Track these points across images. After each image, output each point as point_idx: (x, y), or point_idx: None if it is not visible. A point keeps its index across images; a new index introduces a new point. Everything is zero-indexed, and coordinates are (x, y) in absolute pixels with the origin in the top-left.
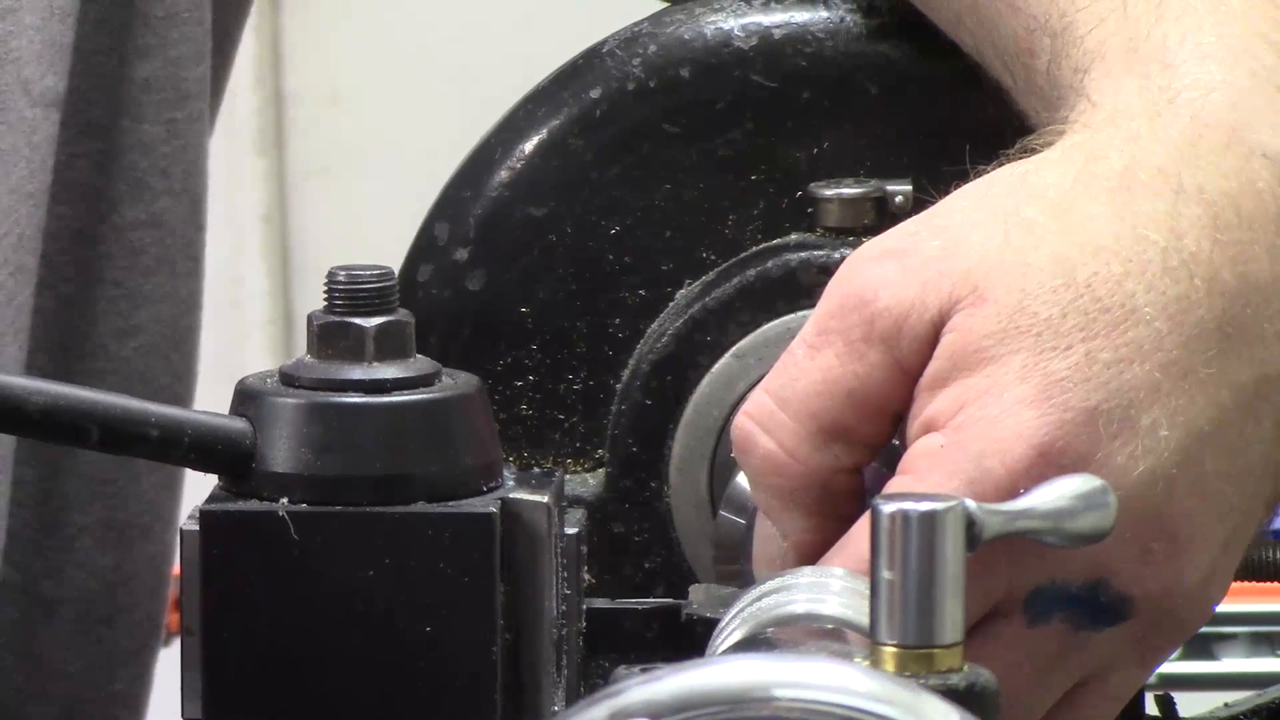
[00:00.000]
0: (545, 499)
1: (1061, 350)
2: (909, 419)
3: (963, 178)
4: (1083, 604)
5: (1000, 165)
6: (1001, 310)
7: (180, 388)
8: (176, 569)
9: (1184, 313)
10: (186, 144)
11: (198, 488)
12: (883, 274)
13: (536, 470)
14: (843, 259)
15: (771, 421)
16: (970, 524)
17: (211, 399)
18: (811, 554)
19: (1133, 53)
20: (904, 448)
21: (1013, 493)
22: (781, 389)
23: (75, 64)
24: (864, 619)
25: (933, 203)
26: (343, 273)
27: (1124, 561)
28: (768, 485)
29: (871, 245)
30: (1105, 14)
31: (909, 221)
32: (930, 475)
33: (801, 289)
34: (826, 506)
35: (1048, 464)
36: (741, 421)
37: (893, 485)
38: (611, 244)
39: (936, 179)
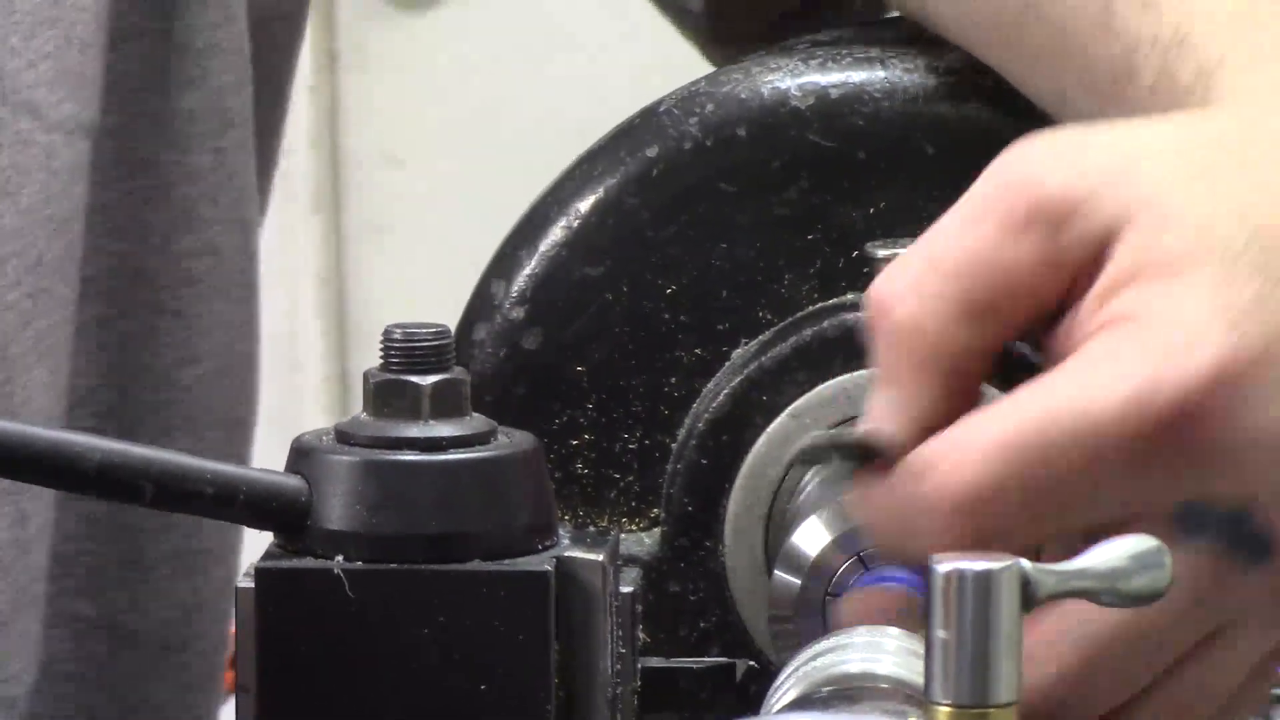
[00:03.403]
0: (600, 558)
1: (1243, 278)
2: (1074, 324)
3: None
4: (1230, 529)
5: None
6: (1185, 230)
7: (241, 413)
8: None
9: None
10: (233, 172)
11: None
12: (1053, 164)
13: (592, 529)
14: None
15: (918, 287)
16: (1025, 583)
17: (268, 457)
18: (929, 429)
19: (1259, 47)
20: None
21: (1182, 412)
22: (931, 257)
23: (120, 101)
24: (918, 678)
25: None
26: (399, 331)
27: (1270, 496)
28: (903, 351)
29: (1037, 138)
30: (1224, 21)
31: (1072, 129)
32: (1104, 367)
33: (858, 349)
34: (953, 384)
35: (1222, 383)
36: (883, 284)
37: (1060, 370)
38: (668, 303)
39: None
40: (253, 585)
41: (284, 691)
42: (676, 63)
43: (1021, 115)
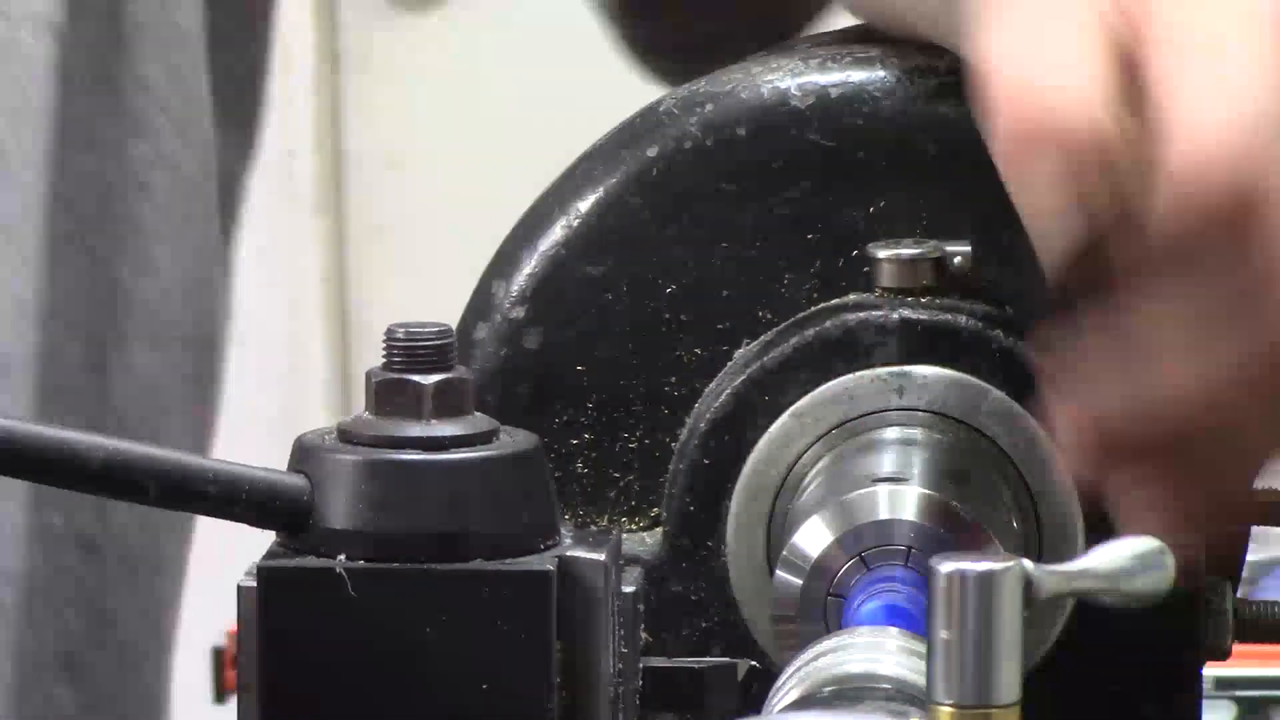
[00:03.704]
0: (602, 557)
1: None
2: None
3: (1024, 235)
4: None
5: None
6: None
7: (206, 332)
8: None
9: None
10: (184, 86)
11: (227, 443)
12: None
13: (593, 529)
14: (901, 319)
15: (1062, 65)
16: (1027, 583)
17: (271, 457)
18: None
19: None
20: None
21: None
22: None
23: (80, 12)
24: (921, 678)
25: (991, 264)
26: (401, 330)
27: None
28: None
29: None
30: None
31: None
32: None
33: (860, 349)
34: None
35: None
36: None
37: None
38: (669, 303)
39: (994, 239)
40: (255, 584)
41: (286, 691)
42: None
43: None
